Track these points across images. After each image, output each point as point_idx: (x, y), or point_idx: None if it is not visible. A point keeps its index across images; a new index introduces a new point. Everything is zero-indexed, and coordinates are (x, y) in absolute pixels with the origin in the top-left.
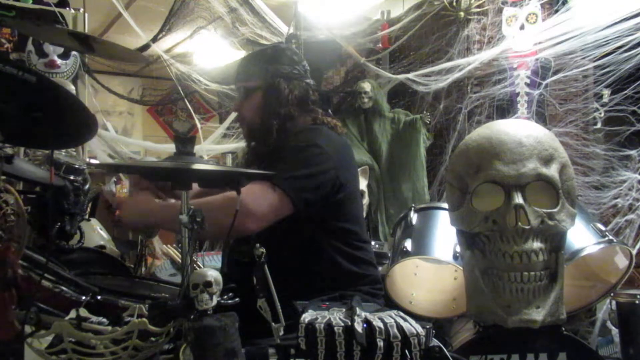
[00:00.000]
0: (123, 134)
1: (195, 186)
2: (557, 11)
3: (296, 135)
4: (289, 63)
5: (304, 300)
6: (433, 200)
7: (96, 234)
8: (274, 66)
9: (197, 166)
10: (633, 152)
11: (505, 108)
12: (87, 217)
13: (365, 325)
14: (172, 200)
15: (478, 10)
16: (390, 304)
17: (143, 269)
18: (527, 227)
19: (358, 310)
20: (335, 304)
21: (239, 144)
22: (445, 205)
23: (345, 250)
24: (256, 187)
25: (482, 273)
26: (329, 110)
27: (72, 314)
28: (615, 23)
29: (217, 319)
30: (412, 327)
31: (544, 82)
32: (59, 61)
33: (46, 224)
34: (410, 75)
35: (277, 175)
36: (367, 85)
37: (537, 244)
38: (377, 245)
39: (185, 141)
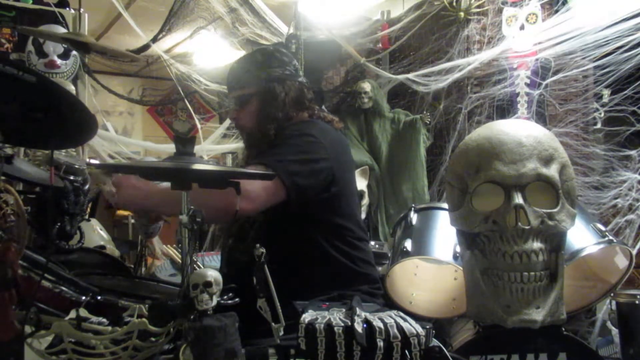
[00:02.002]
0: (123, 134)
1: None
2: (557, 11)
3: (290, 127)
4: (280, 65)
5: (302, 299)
6: (433, 200)
7: (96, 234)
8: (266, 71)
9: (197, 166)
10: (633, 152)
11: (505, 108)
12: (87, 217)
13: (365, 325)
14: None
15: (478, 10)
16: (390, 304)
17: (143, 269)
18: (527, 227)
19: (358, 311)
20: (335, 304)
21: (239, 144)
22: (445, 205)
23: (341, 248)
24: (249, 169)
25: (482, 273)
26: (323, 107)
27: (72, 314)
28: (615, 23)
29: (217, 319)
30: (412, 327)
31: (544, 82)
32: (58, 61)
33: (46, 224)
34: (410, 76)
35: (270, 158)
36: (367, 86)
37: (537, 244)
38: (377, 245)
39: (185, 141)
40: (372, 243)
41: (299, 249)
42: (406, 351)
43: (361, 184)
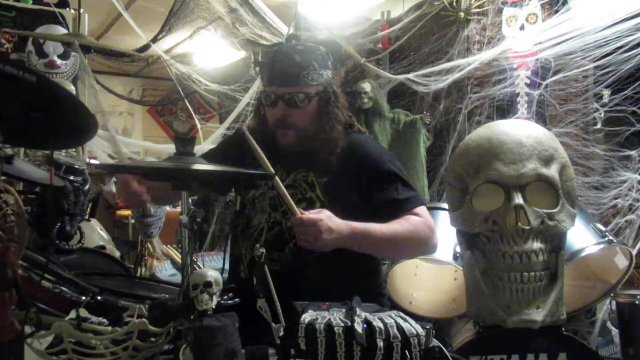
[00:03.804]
0: (123, 134)
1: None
2: (557, 11)
3: (365, 145)
4: (331, 67)
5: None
6: (433, 200)
7: (96, 234)
8: (326, 72)
9: (197, 166)
10: (633, 153)
11: (505, 108)
12: (87, 217)
13: (365, 325)
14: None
15: (478, 10)
16: (390, 304)
17: (143, 269)
18: (527, 227)
19: (358, 311)
20: (335, 304)
21: None
22: (445, 205)
23: None
24: (425, 210)
25: (482, 273)
26: None
27: (72, 314)
28: (615, 23)
29: (217, 319)
30: (412, 327)
31: (544, 83)
32: (58, 61)
33: (46, 224)
34: (410, 76)
35: (414, 196)
36: (367, 86)
37: (537, 244)
38: None
39: (185, 141)
40: None
41: (349, 255)
42: (406, 351)
43: None
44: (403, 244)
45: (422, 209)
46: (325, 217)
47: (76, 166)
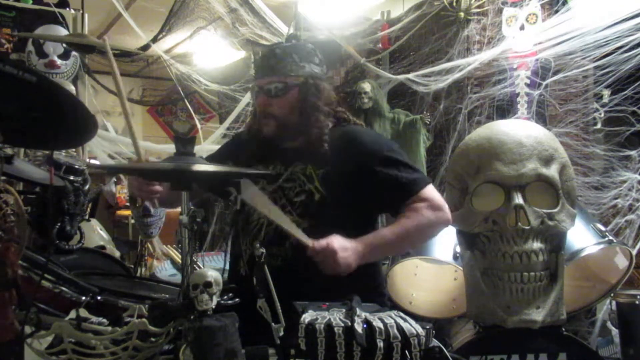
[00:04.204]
0: (123, 134)
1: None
2: (557, 11)
3: (361, 135)
4: (319, 63)
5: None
6: None
7: (96, 234)
8: (310, 65)
9: (198, 167)
10: (633, 153)
11: (505, 108)
12: (87, 217)
13: (365, 325)
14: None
15: (478, 10)
16: (390, 304)
17: (143, 269)
18: (527, 227)
19: (358, 311)
20: (335, 304)
21: None
22: None
23: None
24: (430, 189)
25: (482, 273)
26: None
27: (72, 314)
28: (616, 23)
29: (217, 319)
30: (412, 327)
31: (544, 83)
32: (59, 61)
33: (46, 224)
34: (410, 76)
35: (421, 177)
36: (367, 86)
37: (537, 245)
38: None
39: (185, 141)
40: None
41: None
42: (406, 351)
43: None
44: (417, 235)
45: (427, 190)
46: (333, 238)
47: (76, 166)
